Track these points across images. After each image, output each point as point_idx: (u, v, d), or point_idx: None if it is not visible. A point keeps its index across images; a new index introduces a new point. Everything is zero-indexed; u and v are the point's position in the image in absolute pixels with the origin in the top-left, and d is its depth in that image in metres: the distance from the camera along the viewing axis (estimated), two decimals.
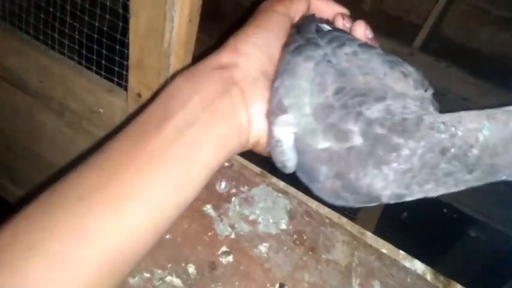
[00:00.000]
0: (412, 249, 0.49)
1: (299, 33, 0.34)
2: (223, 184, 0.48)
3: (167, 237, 0.43)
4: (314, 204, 0.48)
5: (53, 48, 0.61)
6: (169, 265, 0.41)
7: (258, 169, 0.51)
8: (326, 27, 0.35)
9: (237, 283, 0.41)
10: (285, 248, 0.44)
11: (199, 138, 0.28)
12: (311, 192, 0.31)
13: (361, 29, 0.35)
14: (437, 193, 0.26)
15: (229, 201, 0.47)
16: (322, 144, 0.28)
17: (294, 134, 0.30)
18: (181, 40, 0.47)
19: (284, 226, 0.46)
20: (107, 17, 0.53)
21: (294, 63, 0.31)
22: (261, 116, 0.31)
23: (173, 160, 0.27)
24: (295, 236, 0.45)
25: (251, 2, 0.42)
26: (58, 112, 0.68)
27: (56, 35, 0.60)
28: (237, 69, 0.31)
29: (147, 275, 0.40)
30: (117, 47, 0.54)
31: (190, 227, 0.44)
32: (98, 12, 0.53)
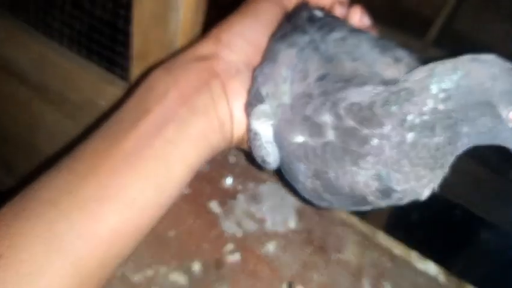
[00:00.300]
0: (421, 251, 0.48)
1: (289, 21, 0.32)
2: (229, 180, 0.46)
3: (171, 233, 0.41)
4: None
5: (53, 38, 0.59)
6: (174, 262, 0.40)
7: None
8: (319, 14, 0.33)
9: (244, 282, 0.40)
10: (294, 247, 0.43)
11: (177, 134, 0.27)
12: None
13: (357, 15, 0.33)
14: (427, 179, 0.24)
15: (235, 197, 0.46)
16: (297, 138, 0.26)
17: (273, 126, 0.27)
18: (186, 30, 0.45)
19: (293, 225, 0.44)
20: (109, 6, 0.51)
21: (277, 50, 0.29)
22: (243, 110, 0.29)
23: (150, 158, 0.26)
24: (304, 235, 0.44)
25: None
26: (57, 104, 0.66)
27: (56, 25, 0.58)
28: (218, 60, 0.29)
29: (151, 272, 0.39)
30: (119, 37, 0.52)
31: (195, 224, 0.43)
32: (100, 0, 0.51)
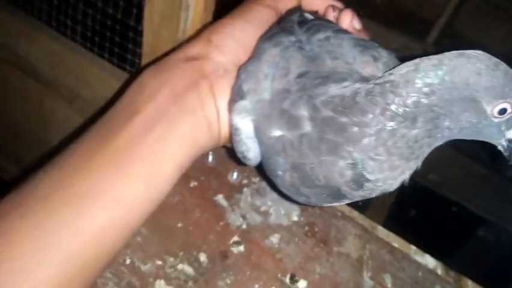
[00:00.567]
0: (419, 246, 0.49)
1: (279, 23, 0.33)
2: (235, 175, 0.48)
3: (179, 225, 0.43)
4: None
5: (66, 35, 0.61)
6: (181, 253, 0.41)
7: None
8: (310, 17, 0.34)
9: (248, 273, 0.41)
10: (297, 240, 0.44)
11: (167, 133, 0.27)
12: None
13: (347, 19, 0.33)
14: (400, 169, 0.24)
15: (240, 191, 0.47)
16: (275, 132, 0.26)
17: (253, 122, 0.28)
18: (195, 28, 0.46)
19: (296, 218, 0.46)
20: (121, 4, 0.52)
21: (262, 49, 0.30)
22: (227, 106, 0.29)
23: (141, 156, 0.27)
24: (306, 228, 0.45)
25: None
26: (69, 100, 0.68)
27: (69, 22, 0.60)
28: (207, 61, 0.30)
29: (159, 263, 0.40)
30: (130, 35, 0.53)
31: (202, 216, 0.44)
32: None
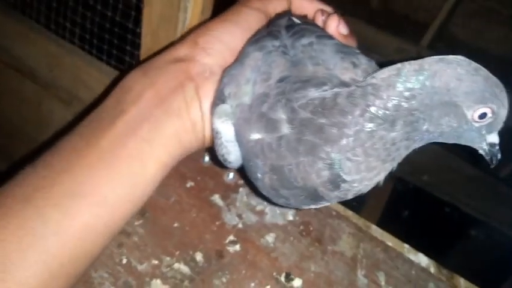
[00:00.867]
0: (413, 247, 0.49)
1: (267, 26, 0.33)
2: (231, 175, 0.48)
3: (175, 225, 0.43)
4: None
5: (64, 37, 0.61)
6: (177, 252, 0.42)
7: None
8: (298, 21, 0.34)
9: (244, 271, 0.41)
10: (292, 239, 0.45)
11: (152, 134, 0.28)
12: None
13: (333, 24, 0.33)
14: (376, 170, 0.24)
15: (236, 191, 0.47)
16: (254, 135, 0.27)
17: (233, 126, 0.28)
18: None
19: (291, 217, 0.46)
20: (119, 7, 0.53)
21: (246, 53, 0.30)
22: (209, 110, 0.30)
23: (125, 156, 0.27)
24: (301, 227, 0.46)
25: None
26: (66, 101, 0.68)
27: (68, 24, 0.60)
28: (194, 63, 0.30)
29: (155, 262, 0.40)
30: (129, 37, 0.54)
31: (198, 216, 0.45)
32: (111, 1, 0.53)
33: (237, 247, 0.43)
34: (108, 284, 0.38)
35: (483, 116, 0.23)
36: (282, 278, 0.42)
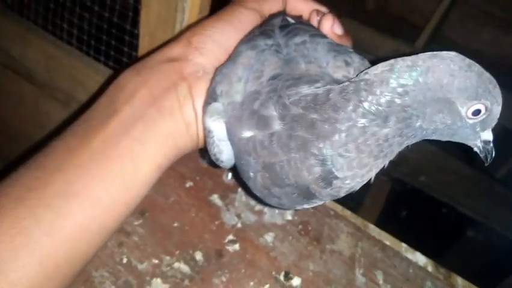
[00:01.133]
0: (411, 247, 0.49)
1: (261, 26, 0.33)
2: (229, 175, 0.49)
3: (175, 225, 0.43)
4: None
5: (61, 38, 0.61)
6: (177, 252, 0.42)
7: None
8: (292, 21, 0.34)
9: (243, 270, 0.42)
10: (291, 238, 0.45)
11: (145, 134, 0.28)
12: None
13: (327, 24, 0.33)
14: (368, 167, 0.24)
15: (235, 191, 0.48)
16: (246, 133, 0.26)
17: (225, 124, 0.28)
18: None
19: (289, 217, 0.46)
20: (117, 8, 0.53)
21: (239, 51, 0.30)
22: (202, 108, 0.29)
23: (118, 156, 0.27)
24: (300, 227, 0.46)
25: None
26: (64, 102, 0.68)
27: (65, 25, 0.60)
28: (187, 62, 0.30)
29: (155, 261, 0.41)
30: (126, 38, 0.54)
31: (198, 216, 0.45)
32: (108, 2, 0.53)
33: (236, 246, 0.43)
34: (109, 283, 0.38)
35: (477, 113, 0.23)
36: (281, 277, 0.42)
